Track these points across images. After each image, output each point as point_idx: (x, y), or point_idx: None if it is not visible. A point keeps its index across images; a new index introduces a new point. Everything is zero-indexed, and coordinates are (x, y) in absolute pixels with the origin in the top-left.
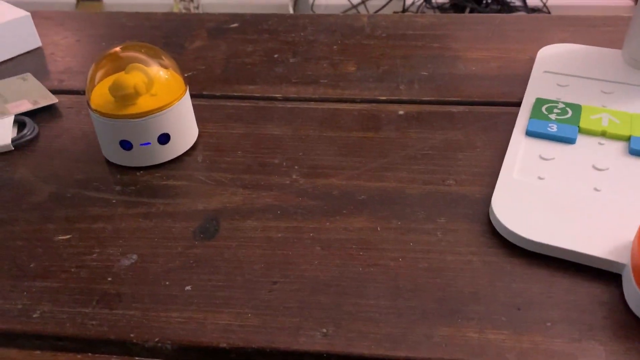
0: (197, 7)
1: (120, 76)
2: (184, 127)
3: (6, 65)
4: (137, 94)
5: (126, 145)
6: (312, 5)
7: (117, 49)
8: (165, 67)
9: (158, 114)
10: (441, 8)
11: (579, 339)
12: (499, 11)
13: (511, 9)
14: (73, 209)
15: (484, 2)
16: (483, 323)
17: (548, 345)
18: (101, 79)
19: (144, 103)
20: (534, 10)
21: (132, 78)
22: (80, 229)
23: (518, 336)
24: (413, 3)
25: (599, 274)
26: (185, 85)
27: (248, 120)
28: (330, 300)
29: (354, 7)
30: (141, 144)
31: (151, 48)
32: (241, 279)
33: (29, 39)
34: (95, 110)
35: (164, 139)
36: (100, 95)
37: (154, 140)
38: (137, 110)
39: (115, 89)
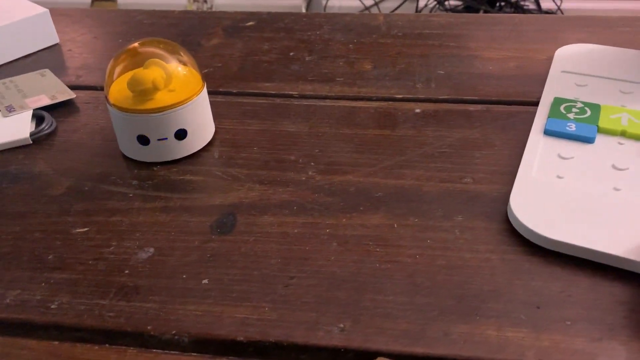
0: (211, 7)
1: (139, 71)
2: (201, 123)
3: (25, 61)
4: (155, 89)
5: (143, 140)
6: (325, 7)
7: (136, 44)
8: (184, 63)
9: (175, 109)
10: (454, 10)
11: (600, 338)
12: (512, 13)
13: (525, 11)
14: (91, 202)
15: (498, 4)
16: (502, 321)
17: (568, 345)
18: (120, 74)
19: (161, 98)
20: (548, 13)
21: (151, 73)
22: (97, 222)
23: (537, 334)
24: (426, 5)
25: (619, 273)
26: (203, 82)
27: (264, 117)
28: (348, 295)
29: (367, 8)
30: (158, 139)
31: (169, 44)
32: (258, 273)
33: (47, 36)
34: (114, 105)
35: (181, 134)
36: (118, 90)
37: (170, 135)
38: (154, 106)
39: (133, 84)
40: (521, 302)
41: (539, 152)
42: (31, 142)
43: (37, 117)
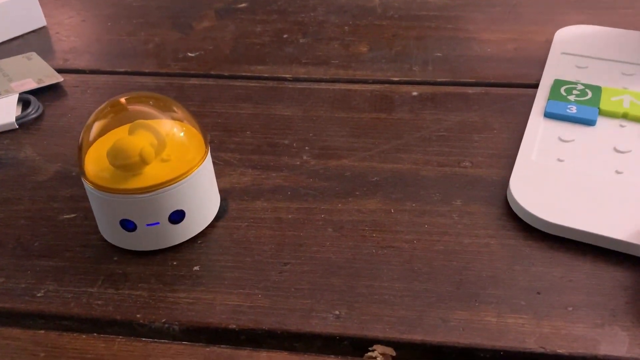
0: None
1: (122, 139)
2: (202, 200)
3: (11, 44)
4: (143, 162)
5: (128, 225)
6: None
7: (121, 99)
8: (180, 121)
9: (170, 187)
10: None
11: (602, 324)
12: None
13: None
14: (78, 188)
15: None
16: (502, 307)
17: (569, 330)
18: (97, 138)
19: (152, 172)
20: None
21: (138, 141)
22: (85, 208)
23: (538, 321)
24: None
25: (621, 257)
26: (206, 146)
27: (257, 100)
28: (343, 282)
29: None
30: (147, 225)
31: (161, 99)
32: (251, 259)
33: (34, 18)
34: (90, 182)
35: (177, 217)
36: (96, 159)
37: (163, 219)
38: (142, 184)
39: (115, 157)
40: (521, 288)
41: (539, 135)
42: (17, 126)
43: (23, 101)
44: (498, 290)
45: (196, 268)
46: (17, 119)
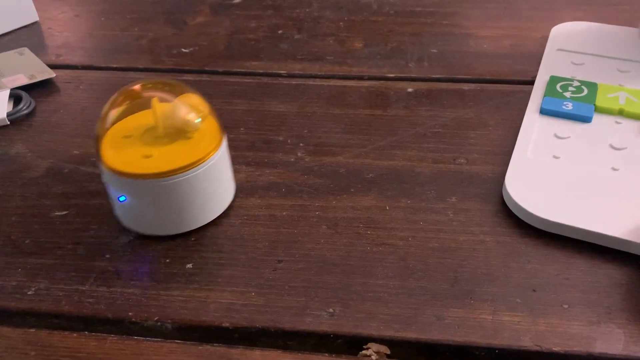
0: None
1: (186, 97)
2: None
3: (2, 40)
4: (195, 126)
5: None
6: None
7: (137, 86)
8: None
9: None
10: None
11: (597, 321)
12: None
13: None
14: (70, 185)
15: None
16: (497, 305)
17: (565, 328)
18: (117, 121)
19: (174, 153)
20: None
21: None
22: (77, 205)
23: (533, 318)
24: None
25: (617, 255)
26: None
27: (251, 96)
28: (337, 279)
29: None
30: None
31: (176, 85)
32: (244, 257)
33: (26, 13)
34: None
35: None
36: (116, 143)
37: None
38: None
39: (172, 116)
40: (517, 286)
41: (535, 131)
42: (8, 122)
43: (15, 97)
44: (493, 288)
45: (189, 266)
46: (9, 114)
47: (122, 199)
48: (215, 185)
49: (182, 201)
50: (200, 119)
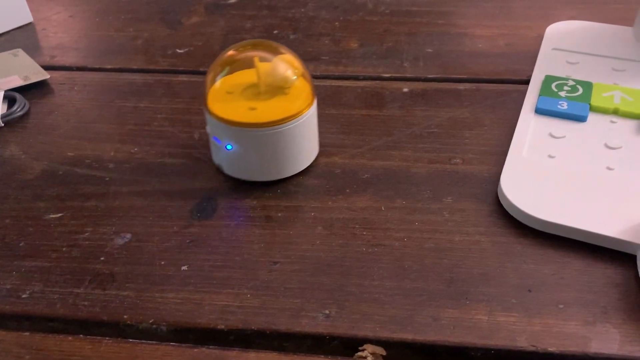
0: None
1: (282, 57)
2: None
3: None
4: (292, 82)
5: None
6: None
7: (237, 47)
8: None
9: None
10: None
11: (593, 321)
12: None
13: None
14: (65, 187)
15: None
16: (492, 305)
17: (561, 328)
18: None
19: (272, 106)
20: None
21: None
22: (72, 207)
23: (529, 319)
24: None
25: (612, 254)
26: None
27: None
28: (333, 281)
29: None
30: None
31: (273, 45)
32: (240, 258)
33: (20, 14)
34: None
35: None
36: (220, 97)
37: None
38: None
39: (274, 72)
40: (512, 286)
41: (530, 131)
42: (2, 124)
43: (9, 99)
44: (489, 288)
45: (184, 267)
46: (3, 116)
47: (228, 147)
48: (307, 138)
49: (282, 149)
50: (296, 77)
